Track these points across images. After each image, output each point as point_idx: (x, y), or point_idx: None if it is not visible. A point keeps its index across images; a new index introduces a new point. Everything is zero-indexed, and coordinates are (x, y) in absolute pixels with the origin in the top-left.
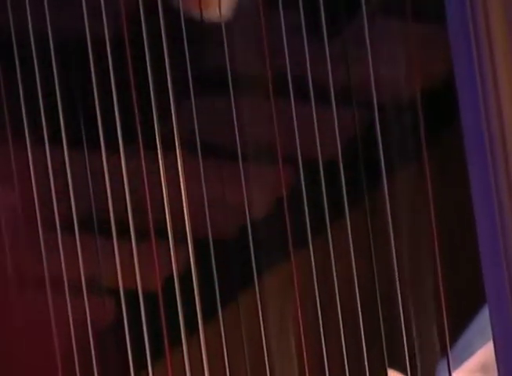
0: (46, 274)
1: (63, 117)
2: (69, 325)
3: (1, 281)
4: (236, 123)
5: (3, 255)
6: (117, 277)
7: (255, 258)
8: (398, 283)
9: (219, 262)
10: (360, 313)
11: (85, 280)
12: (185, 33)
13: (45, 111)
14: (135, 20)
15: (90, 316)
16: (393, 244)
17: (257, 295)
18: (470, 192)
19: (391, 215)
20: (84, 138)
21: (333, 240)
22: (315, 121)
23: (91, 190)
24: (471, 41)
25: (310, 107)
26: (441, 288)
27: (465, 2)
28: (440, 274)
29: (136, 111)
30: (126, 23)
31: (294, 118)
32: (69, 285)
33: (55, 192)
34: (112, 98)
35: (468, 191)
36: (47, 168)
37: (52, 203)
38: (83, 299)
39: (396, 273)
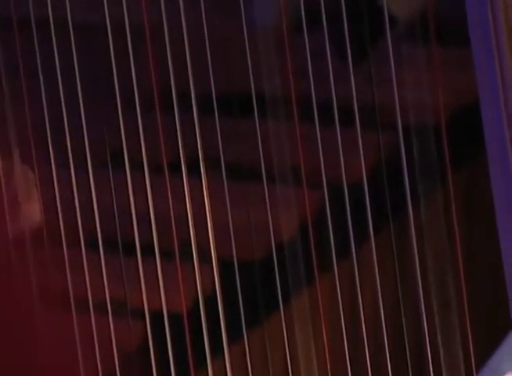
0: (71, 295)
1: (88, 136)
2: (95, 347)
3: (26, 300)
4: (261, 145)
5: (28, 274)
6: (143, 299)
7: (280, 280)
8: (423, 305)
9: (244, 284)
10: (385, 335)
11: (111, 301)
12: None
13: (69, 131)
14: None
15: (117, 338)
16: (418, 268)
17: (283, 318)
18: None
19: (417, 238)
20: (108, 157)
21: (358, 264)
22: (339, 143)
23: (115, 211)
24: (495, 63)
25: (335, 130)
26: (466, 312)
27: (488, 24)
28: (465, 297)
29: (160, 131)
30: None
31: (319, 141)
32: (95, 306)
33: (80, 212)
34: (137, 117)
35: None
36: (72, 187)
37: (76, 222)
38: (109, 321)
39: (421, 297)
